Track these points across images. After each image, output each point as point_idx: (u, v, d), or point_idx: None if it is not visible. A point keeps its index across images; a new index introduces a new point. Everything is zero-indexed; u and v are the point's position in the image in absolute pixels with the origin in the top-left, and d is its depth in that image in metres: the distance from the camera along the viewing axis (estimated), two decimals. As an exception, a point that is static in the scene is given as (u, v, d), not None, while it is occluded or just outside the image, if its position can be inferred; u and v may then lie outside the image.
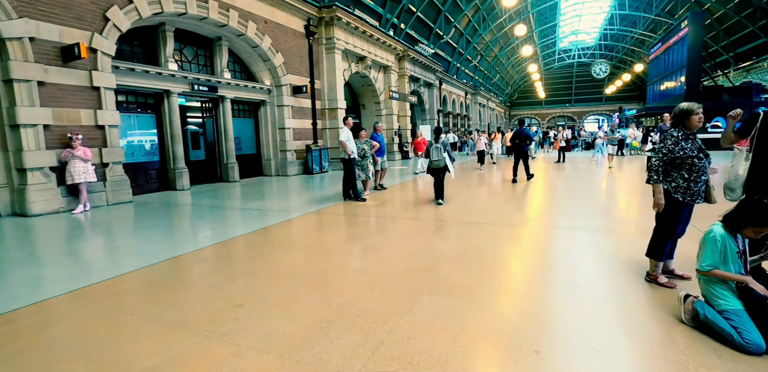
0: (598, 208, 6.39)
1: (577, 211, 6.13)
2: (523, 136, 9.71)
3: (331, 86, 14.77)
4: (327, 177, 12.62)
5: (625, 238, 4.41)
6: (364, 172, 8.11)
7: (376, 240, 4.62)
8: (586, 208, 6.40)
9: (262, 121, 13.16)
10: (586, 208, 6.33)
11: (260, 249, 4.35)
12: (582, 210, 6.20)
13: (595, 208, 6.37)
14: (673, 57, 24.11)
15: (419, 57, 21.95)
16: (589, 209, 6.27)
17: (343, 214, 6.25)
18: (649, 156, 3.16)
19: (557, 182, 9.78)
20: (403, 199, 7.87)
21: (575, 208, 6.39)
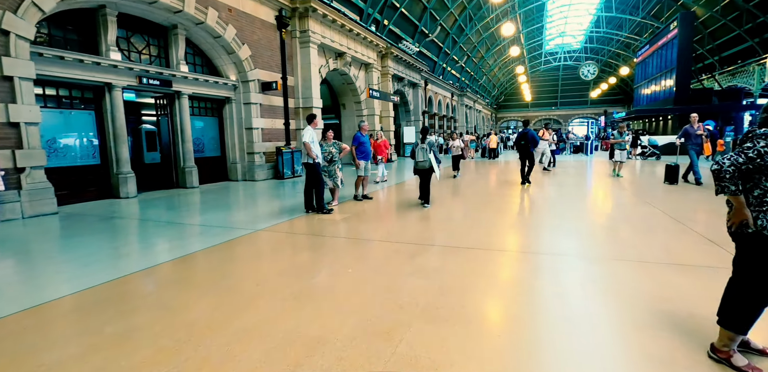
0: (611, 225, 5.42)
1: (586, 229, 5.14)
2: (529, 137, 9.32)
3: (305, 83, 13.61)
4: (299, 182, 11.44)
5: (662, 274, 3.39)
6: (332, 179, 7.00)
7: (325, 275, 3.50)
8: (594, 225, 5.42)
9: (227, 120, 11.92)
10: (594, 225, 5.35)
11: (149, 297, 3.15)
12: (590, 228, 5.21)
13: (606, 226, 5.39)
14: (662, 59, 23.67)
15: (403, 55, 20.95)
16: (600, 227, 5.29)
17: (298, 232, 5.12)
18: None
19: (555, 190, 8.84)
20: (378, 211, 6.78)
21: (581, 224, 5.39)
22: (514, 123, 64.87)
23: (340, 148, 7.10)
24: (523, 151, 9.31)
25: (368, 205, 7.24)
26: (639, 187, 9.06)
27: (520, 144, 9.37)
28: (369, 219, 6.02)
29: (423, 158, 6.66)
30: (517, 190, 8.69)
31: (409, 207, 6.90)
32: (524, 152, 9.30)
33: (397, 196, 8.58)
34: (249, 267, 3.80)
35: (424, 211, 6.45)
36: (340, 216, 6.16)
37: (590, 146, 21.30)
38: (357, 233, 5.03)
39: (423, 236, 4.76)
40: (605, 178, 10.75)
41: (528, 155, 9.32)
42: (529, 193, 8.29)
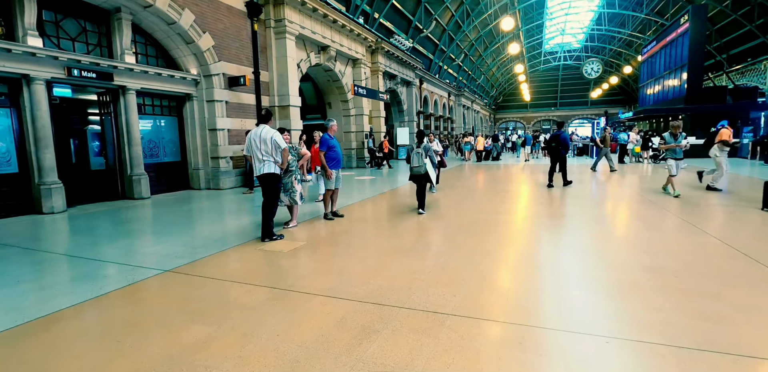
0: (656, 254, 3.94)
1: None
2: (561, 139, 9.23)
3: (281, 79, 12.12)
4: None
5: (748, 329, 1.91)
6: (288, 194, 5.52)
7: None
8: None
9: (187, 120, 10.41)
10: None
11: None
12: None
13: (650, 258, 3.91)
14: (671, 56, 22.26)
15: (395, 51, 19.50)
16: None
17: (221, 278, 3.61)
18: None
19: (574, 202, 7.38)
20: (346, 235, 5.27)
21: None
22: (513, 124, 63.56)
23: (298, 154, 5.62)
24: (553, 153, 9.33)
25: (338, 225, 5.74)
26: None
27: (551, 146, 9.34)
28: (326, 250, 4.51)
29: (418, 163, 6.33)
30: (533, 216, 7.21)
31: (388, 228, 5.41)
32: (555, 154, 9.30)
33: (378, 210, 7.08)
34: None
35: (406, 238, 4.97)
36: (292, 244, 4.66)
37: (597, 148, 19.81)
38: (295, 279, 3.52)
39: (396, 285, 3.26)
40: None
41: (559, 158, 9.30)
42: (550, 207, 6.83)
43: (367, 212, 6.84)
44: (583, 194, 8.50)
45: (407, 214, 6.49)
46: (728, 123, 18.06)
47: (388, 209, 7.18)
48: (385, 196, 8.65)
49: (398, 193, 9.03)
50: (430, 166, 6.42)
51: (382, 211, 6.95)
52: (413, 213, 6.52)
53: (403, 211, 6.80)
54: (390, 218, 6.23)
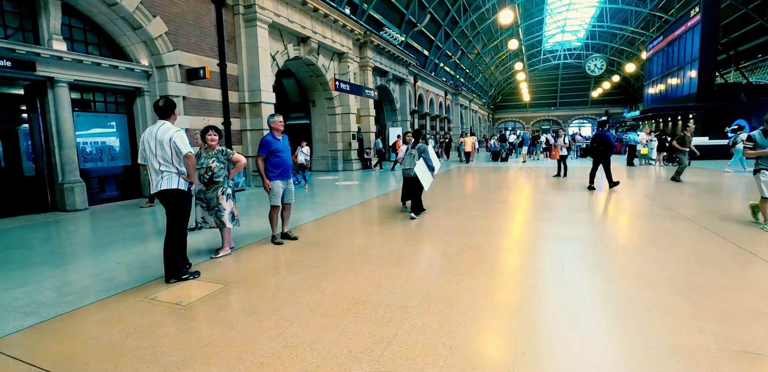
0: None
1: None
2: (604, 139, 8.67)
3: (252, 72, 10.77)
4: (240, 198, 8.61)
5: None
6: (213, 212, 4.17)
7: None
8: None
9: (139, 118, 9.06)
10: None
11: None
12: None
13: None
14: (680, 51, 20.97)
15: (386, 45, 18.16)
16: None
17: (45, 361, 2.27)
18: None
19: (593, 221, 6.05)
20: (291, 274, 3.92)
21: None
22: (511, 124, 62.32)
23: (227, 159, 4.26)
24: (595, 154, 8.91)
25: (285, 253, 4.39)
26: None
27: (593, 146, 8.96)
28: (247, 302, 3.15)
29: (409, 165, 5.97)
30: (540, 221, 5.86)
31: (350, 259, 4.06)
32: (597, 156, 8.87)
33: (347, 229, 5.73)
34: None
35: (369, 278, 3.63)
36: (203, 289, 3.31)
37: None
38: (167, 367, 2.19)
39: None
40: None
41: (602, 159, 8.79)
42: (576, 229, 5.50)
43: (332, 231, 5.49)
44: (611, 210, 7.15)
45: (381, 234, 5.14)
46: (747, 123, 16.84)
47: (362, 226, 5.83)
48: (363, 207, 7.29)
49: (380, 203, 7.69)
50: (423, 169, 5.89)
51: (352, 230, 5.60)
52: (389, 231, 5.18)
53: (377, 229, 5.46)
54: (360, 241, 4.89)
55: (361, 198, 8.48)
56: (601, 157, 8.72)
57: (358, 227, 5.74)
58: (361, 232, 5.42)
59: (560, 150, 11.18)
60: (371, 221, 6.12)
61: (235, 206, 4.27)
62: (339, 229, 5.60)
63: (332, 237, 5.09)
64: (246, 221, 6.06)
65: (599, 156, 8.76)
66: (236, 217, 4.26)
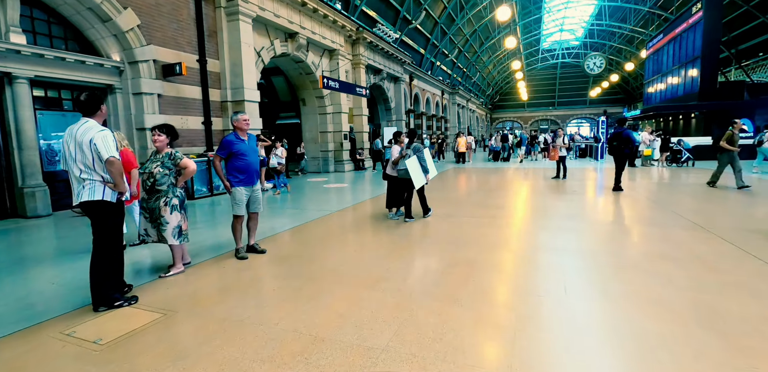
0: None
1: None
2: (624, 137, 8.27)
3: (235, 69, 10.21)
4: (218, 203, 8.05)
5: None
6: (156, 225, 3.60)
7: None
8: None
9: (111, 117, 8.48)
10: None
11: None
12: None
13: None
14: (681, 49, 20.47)
15: (380, 42, 17.61)
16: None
17: None
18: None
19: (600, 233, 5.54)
20: (250, 297, 3.38)
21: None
22: (509, 124, 61.89)
23: (174, 164, 3.70)
24: (615, 152, 8.46)
25: (248, 270, 3.85)
26: None
27: (612, 145, 8.46)
28: (185, 339, 2.61)
29: (403, 166, 5.64)
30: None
31: (322, 276, 3.51)
32: (618, 154, 8.44)
33: (325, 239, 5.17)
34: None
35: (344, 303, 3.08)
36: (134, 320, 2.77)
37: (601, 150, 18.01)
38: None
39: None
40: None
41: (622, 157, 8.40)
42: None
43: (307, 242, 4.94)
44: (617, 217, 6.62)
45: (361, 245, 4.60)
46: (752, 123, 16.35)
47: (342, 235, 5.28)
48: (348, 213, 6.74)
49: (368, 208, 7.14)
50: (415, 165, 5.57)
51: (330, 240, 5.04)
52: (371, 242, 4.64)
53: (358, 240, 4.91)
54: (336, 255, 4.34)
55: (348, 202, 7.92)
56: (621, 155, 8.41)
57: (337, 237, 5.19)
58: (340, 243, 4.86)
59: (559, 150, 10.65)
60: (354, 230, 5.57)
61: (184, 219, 3.69)
62: (315, 240, 5.05)
63: (305, 249, 4.53)
64: (212, 230, 5.52)
65: (620, 155, 8.43)
66: (184, 232, 3.67)
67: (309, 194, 9.26)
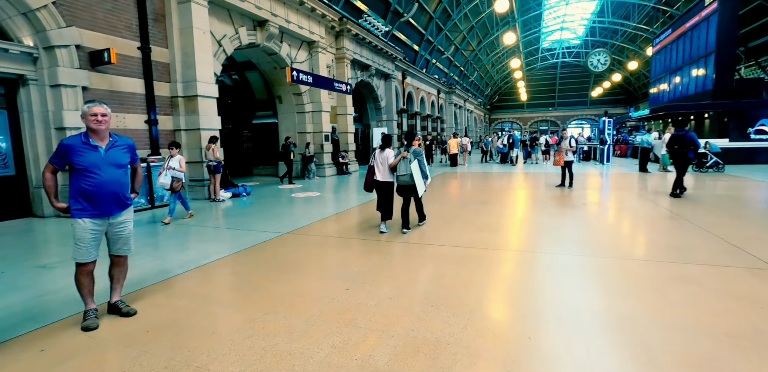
0: None
1: None
2: (687, 140, 7.73)
3: (187, 59, 8.75)
4: (160, 219, 6.57)
5: None
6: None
7: None
8: None
9: (24, 114, 7.01)
10: None
11: None
12: None
13: None
14: (692, 45, 19.07)
15: (367, 36, 16.16)
16: None
17: None
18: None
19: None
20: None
21: None
22: (508, 125, 60.60)
23: None
24: (677, 156, 8.00)
25: (87, 356, 2.37)
26: None
27: (674, 148, 7.98)
28: None
29: (404, 171, 5.22)
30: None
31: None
32: (680, 158, 7.94)
33: (256, 280, 3.70)
34: None
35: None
36: None
37: (607, 152, 16.58)
38: None
39: None
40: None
41: (684, 161, 7.85)
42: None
43: (213, 291, 3.48)
44: (649, 243, 5.17)
45: (292, 297, 3.13)
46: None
47: (274, 275, 3.80)
48: (300, 237, 5.27)
49: (331, 228, 5.68)
50: (419, 175, 5.24)
51: (250, 286, 3.57)
52: (306, 293, 3.17)
53: (291, 288, 3.44)
54: (240, 319, 2.87)
55: (311, 217, 6.45)
56: (685, 160, 7.81)
57: (264, 279, 3.71)
58: (261, 291, 3.39)
59: (565, 155, 9.21)
60: (294, 266, 4.10)
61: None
62: (228, 286, 3.58)
63: (204, 305, 3.06)
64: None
65: (683, 159, 7.84)
66: None
67: (262, 208, 7.78)
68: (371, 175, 5.37)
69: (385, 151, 5.35)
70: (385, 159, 5.31)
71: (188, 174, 9.01)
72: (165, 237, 5.42)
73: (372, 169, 5.38)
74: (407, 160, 5.22)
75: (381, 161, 5.33)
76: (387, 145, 5.39)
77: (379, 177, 5.32)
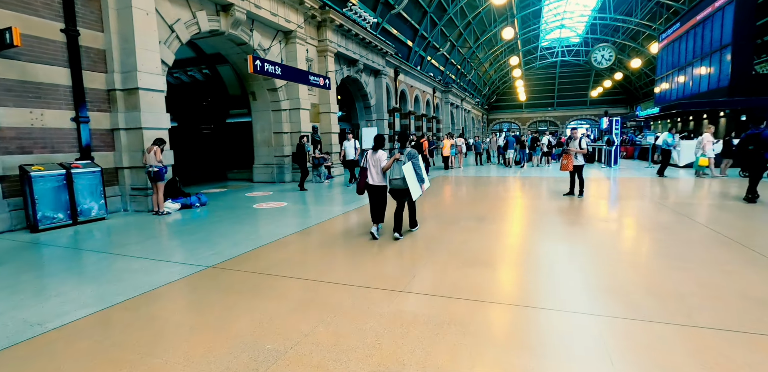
0: None
1: None
2: (764, 139, 6.76)
3: (126, 45, 7.35)
4: (94, 234, 5.17)
5: None
6: None
7: None
8: None
9: None
10: None
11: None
12: None
13: None
14: (704, 38, 17.75)
15: (353, 27, 14.80)
16: None
17: None
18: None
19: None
20: None
21: None
22: (507, 125, 59.37)
23: None
24: (749, 158, 7.17)
25: None
26: None
27: (747, 149, 7.12)
28: None
29: (397, 175, 4.94)
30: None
31: None
32: (751, 159, 7.10)
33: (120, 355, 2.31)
34: None
35: None
36: None
37: (615, 154, 15.24)
38: None
39: None
40: None
41: (762, 163, 6.93)
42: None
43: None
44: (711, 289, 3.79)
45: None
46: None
47: (144, 351, 2.42)
48: (241, 265, 3.88)
49: (280, 253, 4.30)
50: (413, 178, 4.91)
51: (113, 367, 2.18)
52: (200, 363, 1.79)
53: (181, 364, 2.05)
54: None
55: (256, 241, 5.04)
56: (762, 162, 6.96)
57: (129, 356, 2.33)
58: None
59: (574, 158, 7.84)
60: (168, 343, 2.71)
61: None
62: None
63: None
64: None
65: (759, 161, 6.98)
66: None
67: (212, 222, 6.38)
68: (364, 178, 5.04)
69: (378, 152, 5.05)
70: (378, 161, 5.00)
71: (130, 182, 7.62)
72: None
73: (365, 172, 5.04)
74: (400, 163, 4.93)
75: (374, 163, 5.01)
76: (380, 146, 5.09)
77: (371, 180, 5.02)
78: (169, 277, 3.69)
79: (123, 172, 7.57)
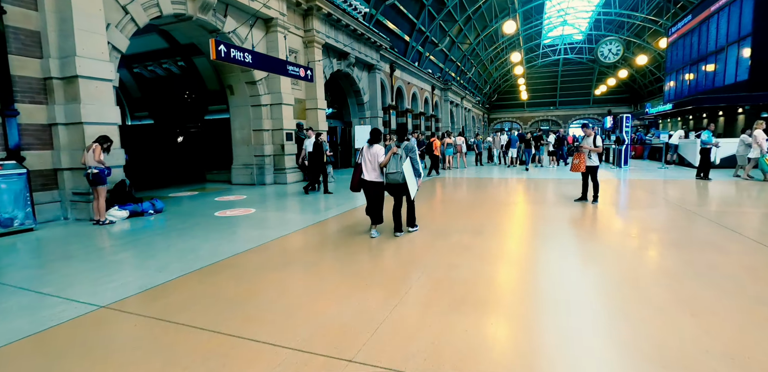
0: None
1: None
2: None
3: (64, 26, 6.29)
4: (17, 248, 4.13)
5: None
6: None
7: None
8: None
9: None
10: None
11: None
12: None
13: None
14: (720, 30, 16.63)
15: (343, 17, 13.73)
16: None
17: None
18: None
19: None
20: None
21: None
22: (508, 124, 58.25)
23: None
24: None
25: None
26: None
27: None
28: None
29: (395, 169, 4.74)
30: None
31: None
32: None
33: None
34: None
35: None
36: None
37: (625, 154, 14.15)
38: None
39: None
40: None
41: None
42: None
43: None
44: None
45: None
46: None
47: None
48: (146, 305, 2.84)
49: (205, 285, 3.25)
50: (410, 174, 4.76)
51: None
52: None
53: None
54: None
55: (194, 262, 3.97)
56: None
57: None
58: None
59: (587, 157, 6.76)
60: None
61: None
62: None
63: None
64: None
65: None
66: None
67: (158, 234, 5.32)
68: (358, 174, 4.82)
69: (373, 146, 4.82)
70: (374, 156, 4.77)
71: (71, 186, 6.56)
72: None
73: (359, 167, 4.83)
74: (398, 157, 4.74)
75: (369, 158, 4.79)
76: (376, 140, 4.86)
77: (366, 176, 4.78)
78: (33, 327, 2.62)
79: (63, 174, 6.51)
